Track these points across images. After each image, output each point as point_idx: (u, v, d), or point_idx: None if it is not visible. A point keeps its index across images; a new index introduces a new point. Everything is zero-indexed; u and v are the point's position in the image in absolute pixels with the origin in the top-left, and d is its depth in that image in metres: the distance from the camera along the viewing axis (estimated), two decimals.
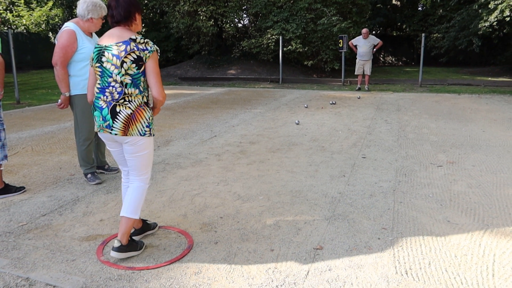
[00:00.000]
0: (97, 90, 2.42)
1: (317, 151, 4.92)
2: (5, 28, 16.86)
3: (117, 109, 2.34)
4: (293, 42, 14.67)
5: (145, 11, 19.84)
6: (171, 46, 18.43)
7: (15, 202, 3.38)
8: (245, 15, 18.00)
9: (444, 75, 15.97)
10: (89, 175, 3.84)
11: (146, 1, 18.60)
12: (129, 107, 2.35)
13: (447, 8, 18.35)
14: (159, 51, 2.42)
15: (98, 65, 2.37)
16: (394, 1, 23.06)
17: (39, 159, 4.70)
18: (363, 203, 3.27)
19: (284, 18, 14.88)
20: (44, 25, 19.01)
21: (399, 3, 23.04)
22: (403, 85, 12.89)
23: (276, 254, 2.49)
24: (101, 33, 2.82)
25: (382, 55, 23.96)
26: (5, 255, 2.50)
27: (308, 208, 3.19)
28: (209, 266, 2.37)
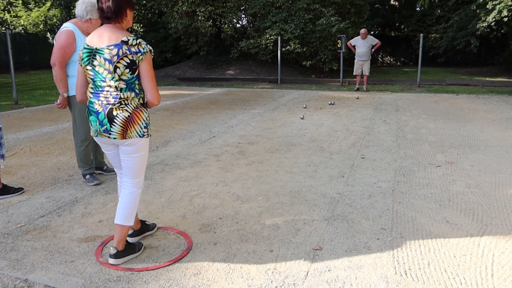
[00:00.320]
0: (90, 94, 2.34)
1: (316, 151, 4.92)
2: (3, 28, 16.84)
3: (114, 113, 2.28)
4: (292, 42, 14.68)
5: (143, 11, 19.84)
6: (169, 46, 18.44)
7: (13, 203, 3.37)
8: (243, 16, 18.04)
9: (442, 75, 16.00)
10: (87, 176, 3.83)
11: (144, 1, 18.59)
12: (126, 110, 2.29)
13: (445, 8, 18.38)
14: (152, 51, 2.34)
15: (90, 68, 2.28)
16: (392, 2, 23.11)
17: (37, 160, 4.68)
18: (362, 204, 3.27)
19: (282, 18, 14.88)
20: (42, 25, 19.01)
21: (397, 3, 23.09)
22: (401, 85, 12.91)
23: (275, 254, 2.49)
24: None
25: (380, 56, 23.99)
26: (4, 256, 2.49)
27: (307, 208, 3.19)
28: (208, 267, 2.36)
